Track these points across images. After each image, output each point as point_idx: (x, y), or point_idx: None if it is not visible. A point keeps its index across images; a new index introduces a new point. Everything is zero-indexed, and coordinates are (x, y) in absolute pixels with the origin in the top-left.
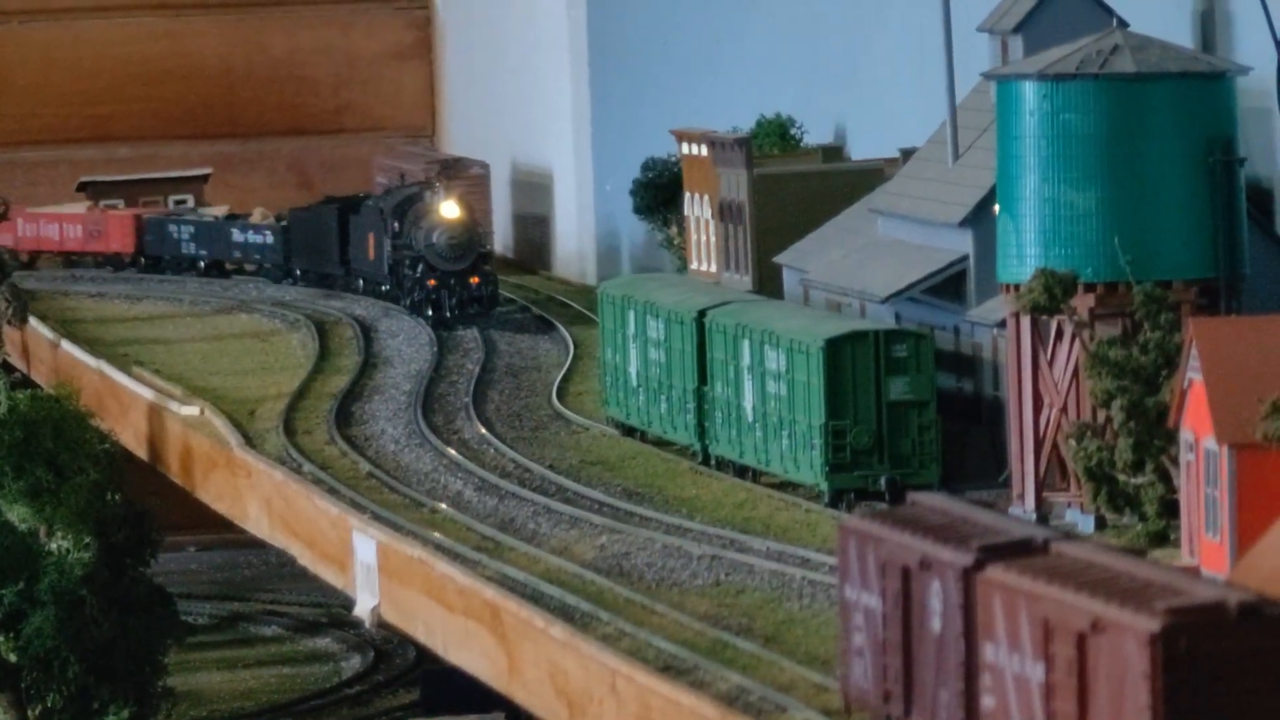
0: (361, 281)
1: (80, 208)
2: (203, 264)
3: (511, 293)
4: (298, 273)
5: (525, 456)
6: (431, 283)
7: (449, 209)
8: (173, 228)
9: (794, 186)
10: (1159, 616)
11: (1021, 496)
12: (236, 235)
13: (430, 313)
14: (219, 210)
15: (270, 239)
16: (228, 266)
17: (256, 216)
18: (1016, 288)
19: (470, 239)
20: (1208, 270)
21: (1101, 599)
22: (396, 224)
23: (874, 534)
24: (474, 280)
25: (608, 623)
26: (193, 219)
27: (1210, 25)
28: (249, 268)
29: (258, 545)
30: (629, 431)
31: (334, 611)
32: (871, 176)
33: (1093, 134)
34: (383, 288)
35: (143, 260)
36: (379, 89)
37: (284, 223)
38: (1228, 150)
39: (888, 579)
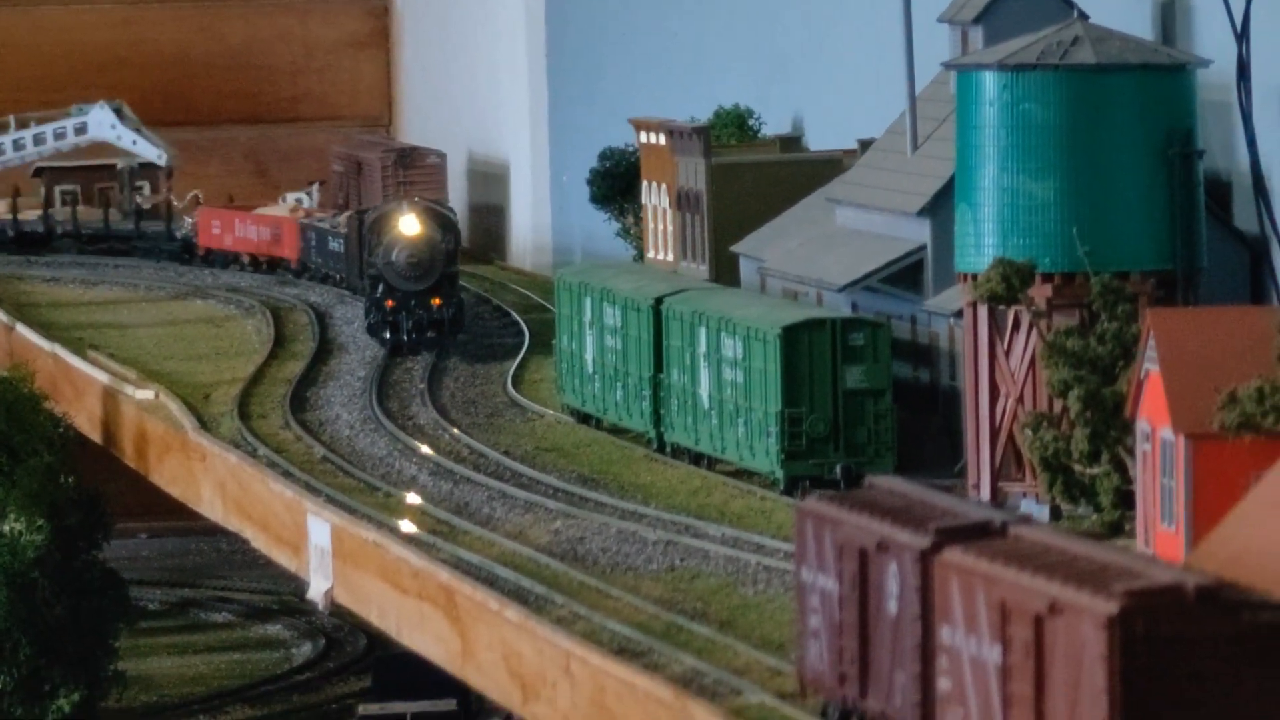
0: None
1: (282, 210)
2: (336, 276)
3: (465, 281)
4: (347, 282)
5: (480, 442)
6: (390, 304)
7: (409, 225)
8: (310, 234)
9: (752, 176)
10: (1116, 599)
11: (977, 486)
12: (330, 242)
13: (387, 336)
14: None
15: (342, 247)
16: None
17: (342, 222)
18: (974, 277)
19: (433, 257)
20: (1166, 262)
21: (1059, 581)
22: (373, 238)
23: (831, 516)
24: (435, 302)
25: (562, 606)
26: (313, 223)
27: (1171, 18)
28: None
29: (209, 532)
30: (584, 419)
31: (285, 598)
32: (829, 167)
33: (1052, 125)
34: None
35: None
36: (336, 78)
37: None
38: (1187, 143)
39: (844, 561)
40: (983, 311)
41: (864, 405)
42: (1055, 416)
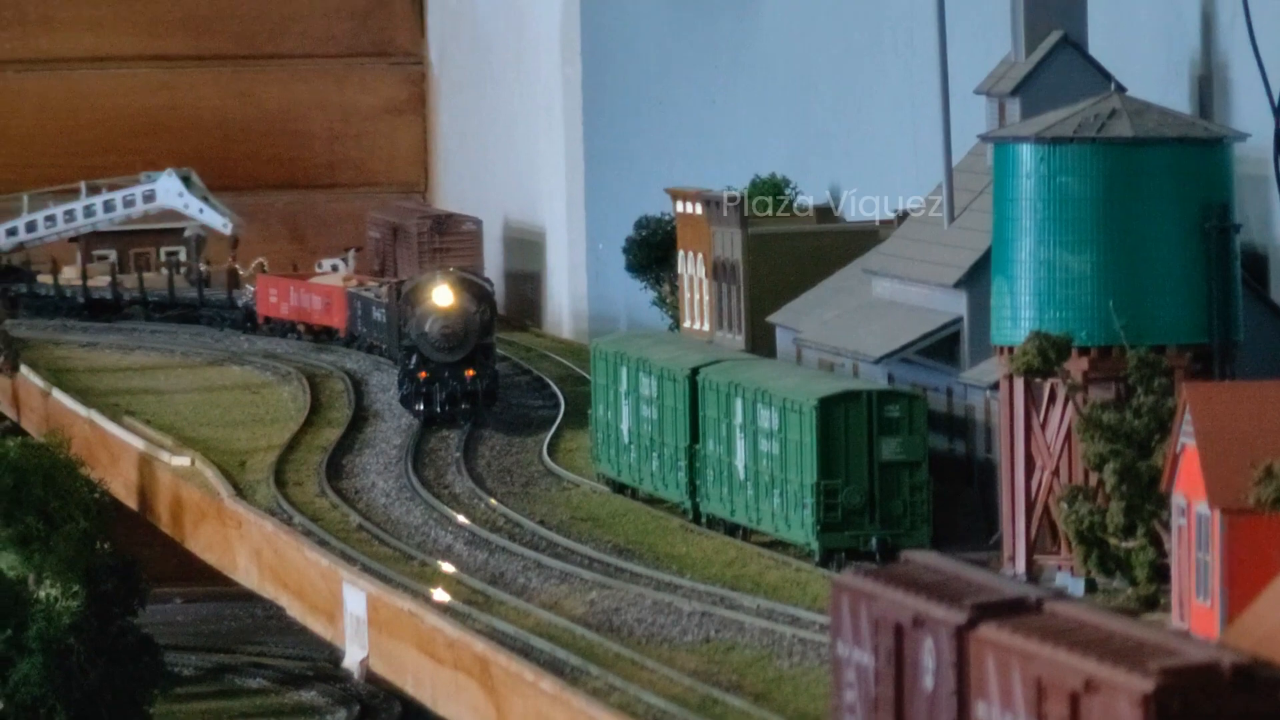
0: None
1: (335, 279)
2: (381, 345)
3: (502, 349)
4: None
5: (516, 511)
6: (423, 375)
7: (443, 295)
8: (356, 303)
9: (788, 246)
10: (1153, 677)
11: (1012, 559)
12: (374, 312)
13: (420, 408)
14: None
15: (384, 317)
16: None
17: (384, 292)
18: (1010, 350)
19: (467, 329)
20: (1202, 336)
21: (1095, 658)
22: (407, 309)
23: (867, 591)
24: (469, 373)
25: (597, 677)
26: (359, 292)
27: (1208, 91)
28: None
29: (244, 598)
30: (620, 488)
31: (320, 665)
32: (866, 237)
33: (1089, 197)
34: None
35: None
36: (373, 144)
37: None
38: (1224, 216)
39: (880, 636)
40: (1019, 384)
41: (900, 477)
42: (1091, 490)
